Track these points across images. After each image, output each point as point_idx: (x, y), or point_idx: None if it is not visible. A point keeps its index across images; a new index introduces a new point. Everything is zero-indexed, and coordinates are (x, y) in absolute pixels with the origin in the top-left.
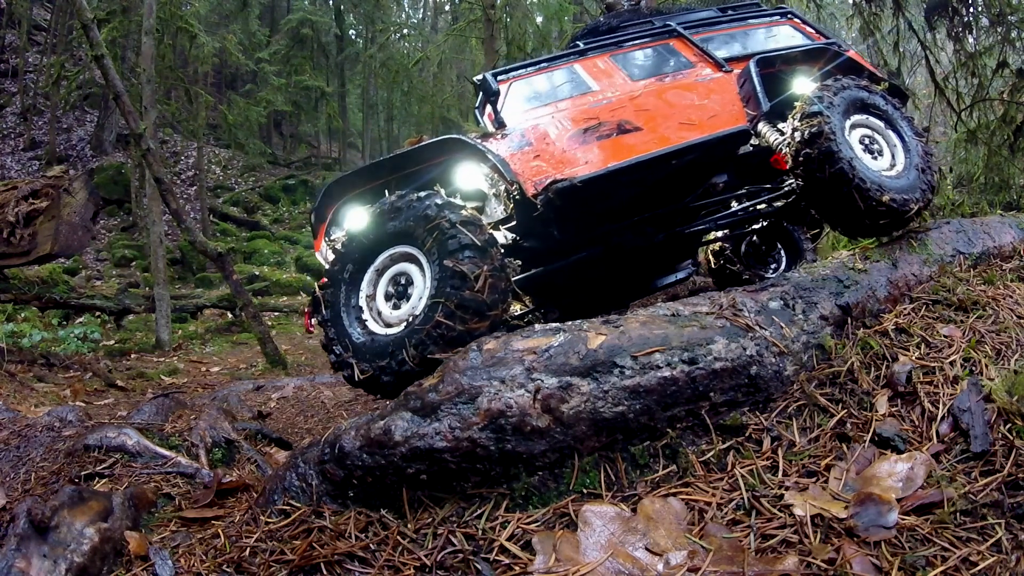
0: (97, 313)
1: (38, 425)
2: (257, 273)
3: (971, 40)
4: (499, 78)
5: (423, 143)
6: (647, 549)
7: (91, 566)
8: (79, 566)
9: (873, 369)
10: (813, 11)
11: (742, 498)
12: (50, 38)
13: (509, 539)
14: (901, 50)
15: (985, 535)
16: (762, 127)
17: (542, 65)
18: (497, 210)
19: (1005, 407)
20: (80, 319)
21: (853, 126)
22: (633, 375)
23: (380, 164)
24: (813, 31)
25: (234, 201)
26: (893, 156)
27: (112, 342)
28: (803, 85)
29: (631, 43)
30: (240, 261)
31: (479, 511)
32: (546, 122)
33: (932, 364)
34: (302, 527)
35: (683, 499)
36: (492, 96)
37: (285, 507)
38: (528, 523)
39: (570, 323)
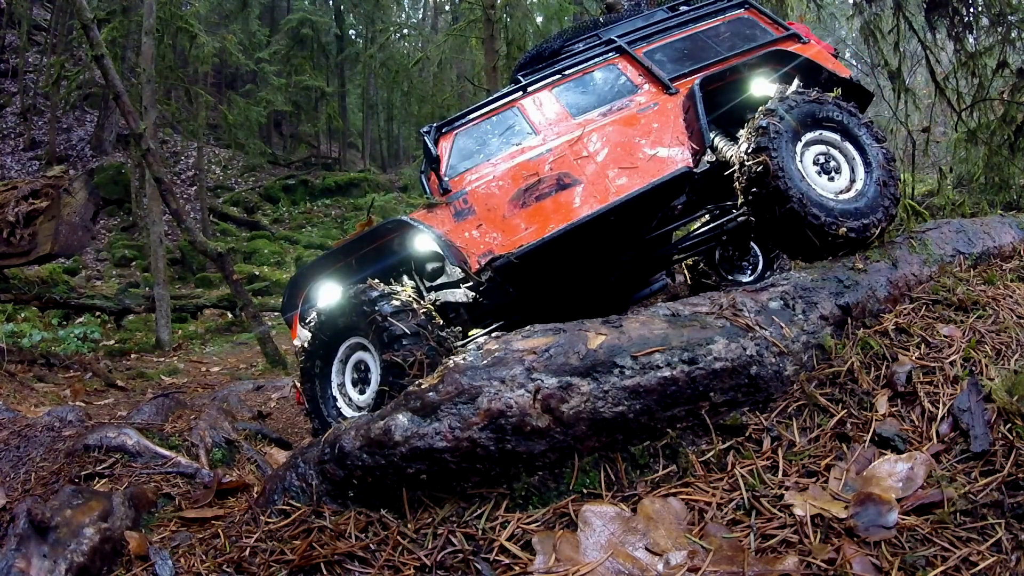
0: (97, 313)
1: (38, 425)
2: (257, 273)
3: (971, 40)
4: (444, 131)
5: (373, 227)
6: (647, 549)
7: (91, 566)
8: (79, 566)
9: (873, 369)
10: (813, 11)
11: (742, 498)
12: (50, 38)
13: (509, 539)
14: (901, 50)
15: (985, 535)
16: (718, 141)
17: (485, 111)
18: (456, 270)
19: (1005, 407)
20: (80, 319)
21: (807, 144)
22: (633, 375)
23: (338, 250)
24: (772, 23)
25: (234, 201)
26: (852, 171)
27: (112, 342)
28: (759, 86)
29: (574, 69)
30: (240, 261)
31: (479, 511)
32: (488, 183)
33: (932, 364)
34: (302, 527)
35: (683, 499)
36: (433, 163)
37: (285, 507)
38: (528, 523)
39: (570, 323)
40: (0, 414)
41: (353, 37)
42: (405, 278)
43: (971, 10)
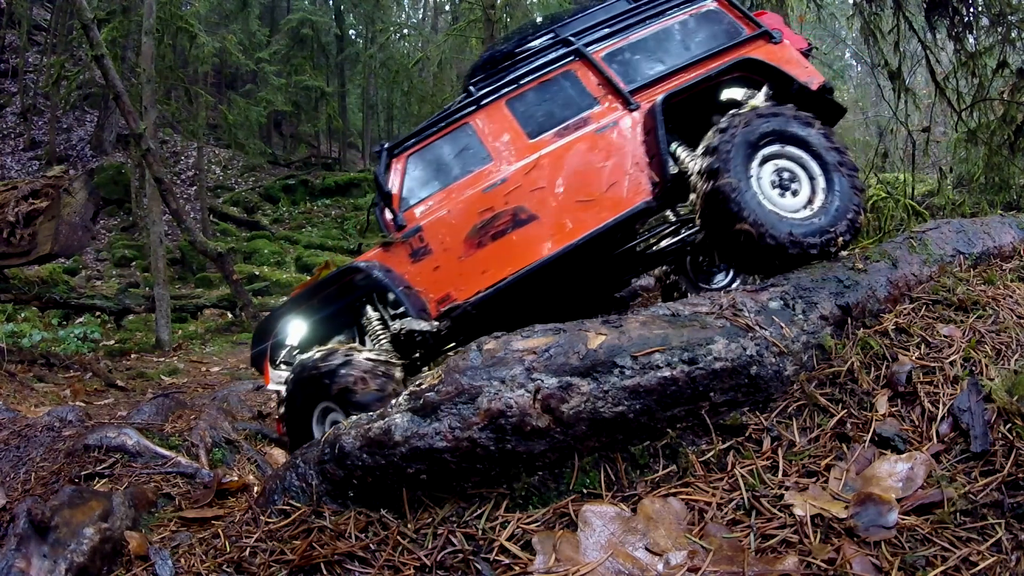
0: (97, 313)
1: (38, 425)
2: (257, 273)
3: (971, 40)
4: (396, 152)
5: (332, 272)
6: (647, 549)
7: (91, 566)
8: (79, 566)
9: (873, 369)
10: (813, 11)
11: (742, 498)
12: (50, 38)
13: (509, 539)
14: (901, 50)
15: (985, 535)
16: (680, 152)
17: (436, 129)
18: None
19: (1005, 407)
20: (80, 319)
21: (765, 159)
22: (633, 375)
23: (300, 296)
24: (742, 17)
25: (234, 201)
26: (812, 186)
27: (112, 342)
28: (727, 92)
29: (528, 78)
30: (240, 261)
31: (479, 511)
32: (442, 218)
33: (932, 364)
34: (302, 527)
35: (683, 499)
36: (386, 199)
37: (285, 507)
38: (528, 523)
39: (570, 323)
40: (0, 414)
41: (353, 37)
42: (369, 309)
43: (971, 10)
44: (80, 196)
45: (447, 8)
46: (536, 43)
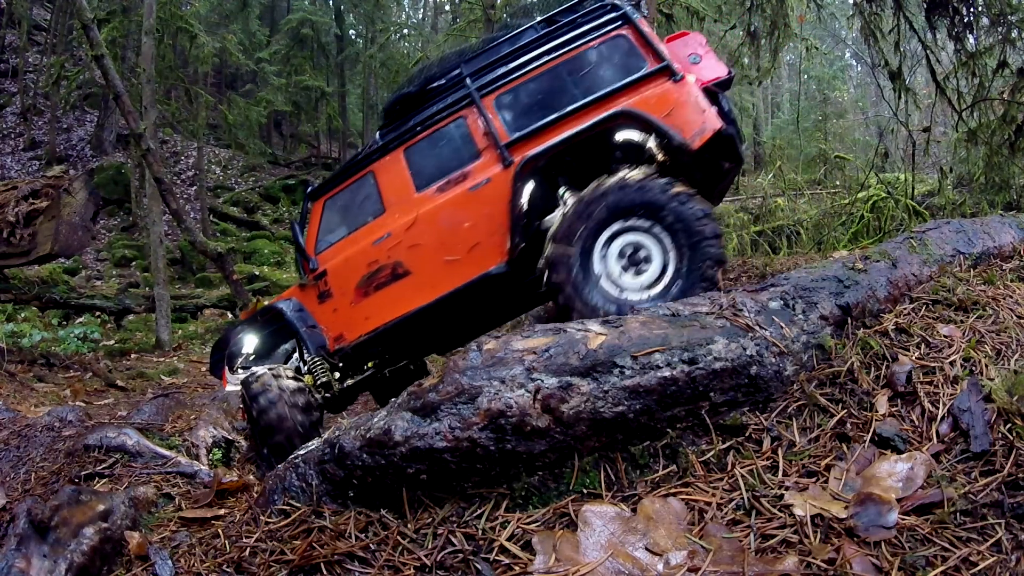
0: (97, 313)
1: (38, 425)
2: (257, 273)
3: (971, 40)
4: (316, 196)
5: (261, 308)
6: (647, 549)
7: (91, 566)
8: (79, 566)
9: (873, 369)
10: (813, 11)
11: (742, 498)
12: (50, 38)
13: (509, 539)
14: (902, 50)
15: (985, 535)
16: (565, 194)
17: (347, 176)
18: None
19: (1005, 407)
20: (80, 319)
21: (615, 234)
22: (633, 375)
23: (248, 320)
24: (647, 47)
25: (234, 201)
26: (664, 259)
27: (112, 342)
28: (625, 134)
29: (425, 124)
30: (240, 261)
31: (479, 511)
32: (341, 266)
33: (932, 364)
34: (302, 527)
35: (683, 499)
36: (299, 249)
37: (285, 507)
38: (528, 523)
39: (570, 323)
40: (0, 414)
41: (353, 37)
42: None
43: (971, 10)
44: (80, 196)
45: (447, 8)
46: (442, 83)
